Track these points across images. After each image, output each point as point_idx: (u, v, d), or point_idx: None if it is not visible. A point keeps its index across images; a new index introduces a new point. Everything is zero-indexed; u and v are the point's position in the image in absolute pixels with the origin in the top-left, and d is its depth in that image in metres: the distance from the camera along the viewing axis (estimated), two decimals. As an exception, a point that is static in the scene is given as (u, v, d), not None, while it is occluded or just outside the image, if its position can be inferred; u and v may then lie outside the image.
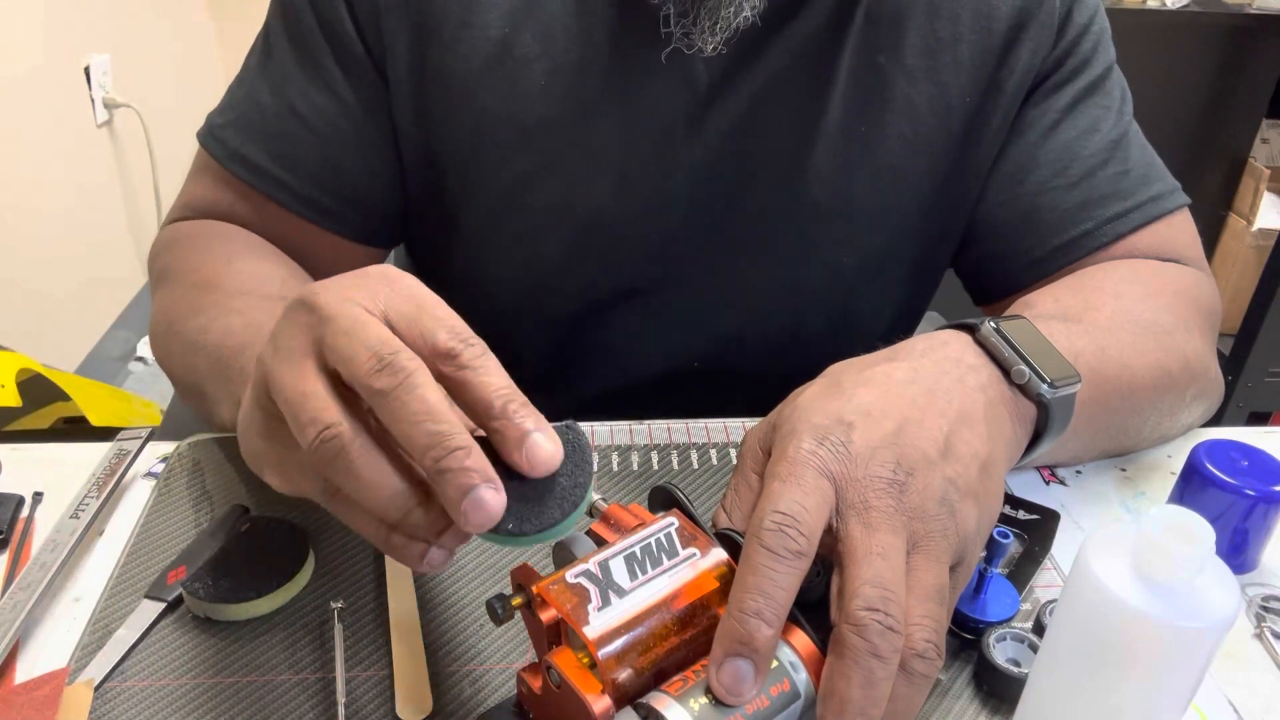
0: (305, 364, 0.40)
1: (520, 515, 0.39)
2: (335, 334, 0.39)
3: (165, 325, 0.66)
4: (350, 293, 0.41)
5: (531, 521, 0.39)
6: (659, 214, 0.71)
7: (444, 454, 0.37)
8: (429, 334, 0.40)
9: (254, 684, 0.49)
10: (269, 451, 0.43)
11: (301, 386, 0.39)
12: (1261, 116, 2.32)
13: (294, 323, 0.41)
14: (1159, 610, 0.36)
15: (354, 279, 0.42)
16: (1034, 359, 0.50)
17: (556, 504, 0.40)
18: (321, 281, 0.42)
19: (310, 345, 0.40)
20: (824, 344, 0.76)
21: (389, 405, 0.38)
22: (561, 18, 0.67)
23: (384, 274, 0.42)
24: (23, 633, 0.51)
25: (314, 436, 0.38)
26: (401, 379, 0.38)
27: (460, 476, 0.37)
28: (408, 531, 0.40)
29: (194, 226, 0.73)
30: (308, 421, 0.38)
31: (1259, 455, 0.57)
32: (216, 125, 0.73)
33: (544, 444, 0.39)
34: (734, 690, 0.37)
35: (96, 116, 2.18)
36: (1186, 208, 0.73)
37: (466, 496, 0.37)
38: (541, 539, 0.39)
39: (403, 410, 0.37)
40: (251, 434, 0.44)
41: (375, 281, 0.42)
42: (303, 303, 0.41)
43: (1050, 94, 0.71)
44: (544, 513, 0.39)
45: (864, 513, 0.41)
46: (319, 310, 0.40)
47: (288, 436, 0.40)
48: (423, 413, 0.37)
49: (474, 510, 0.37)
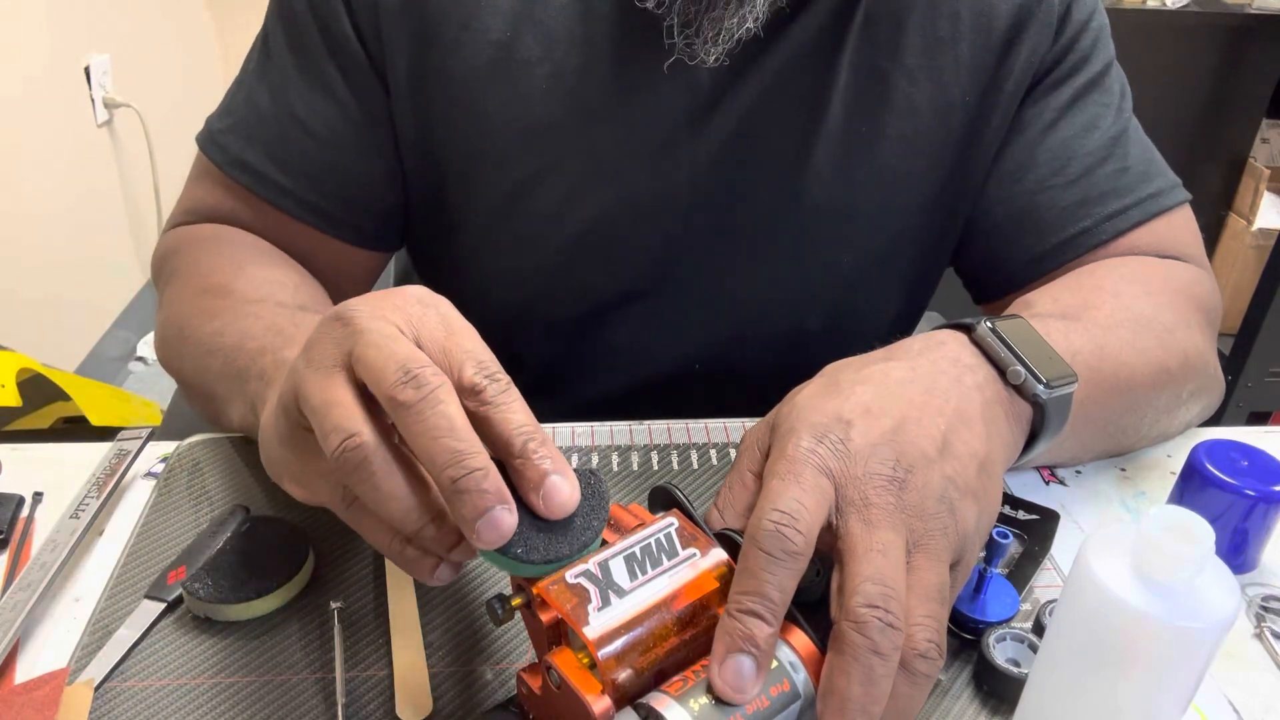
0: (335, 375, 0.40)
1: (529, 543, 0.39)
2: (365, 347, 0.40)
3: (176, 330, 0.66)
4: (385, 311, 0.42)
5: (539, 551, 0.39)
6: (660, 217, 0.71)
7: (462, 473, 0.37)
8: (456, 366, 0.40)
9: (254, 684, 0.49)
10: (291, 460, 0.44)
11: (329, 395, 0.40)
12: (1261, 116, 2.32)
13: (327, 335, 0.42)
14: (1159, 610, 0.36)
15: (390, 298, 0.43)
16: (1030, 359, 0.50)
17: (566, 541, 0.40)
18: (358, 297, 0.43)
19: (341, 357, 0.41)
20: (824, 344, 0.76)
21: (410, 419, 0.38)
22: (563, 21, 0.66)
23: (420, 296, 0.43)
24: (23, 633, 0.51)
25: (337, 444, 0.39)
26: (425, 393, 0.38)
27: (476, 498, 0.37)
28: (421, 545, 0.41)
29: (199, 231, 0.73)
30: (332, 429, 0.39)
31: (1259, 455, 0.57)
32: (216, 130, 0.73)
33: (562, 487, 0.40)
34: (737, 687, 0.37)
35: (96, 116, 2.18)
36: (1187, 204, 0.73)
37: (481, 518, 0.37)
38: (544, 571, 0.39)
39: (423, 425, 0.38)
40: (274, 442, 0.44)
41: (410, 303, 0.43)
42: (338, 317, 0.42)
43: (1049, 92, 0.71)
44: (552, 546, 0.40)
45: (864, 510, 0.41)
46: (352, 324, 0.41)
47: (311, 445, 0.41)
48: (444, 429, 0.38)
49: (487, 529, 0.38)
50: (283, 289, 0.66)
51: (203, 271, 0.68)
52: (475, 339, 0.42)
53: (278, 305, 0.62)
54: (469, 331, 0.42)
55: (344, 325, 0.41)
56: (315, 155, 0.70)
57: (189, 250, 0.71)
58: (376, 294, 0.44)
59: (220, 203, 0.73)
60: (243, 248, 0.71)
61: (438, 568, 0.42)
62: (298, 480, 0.44)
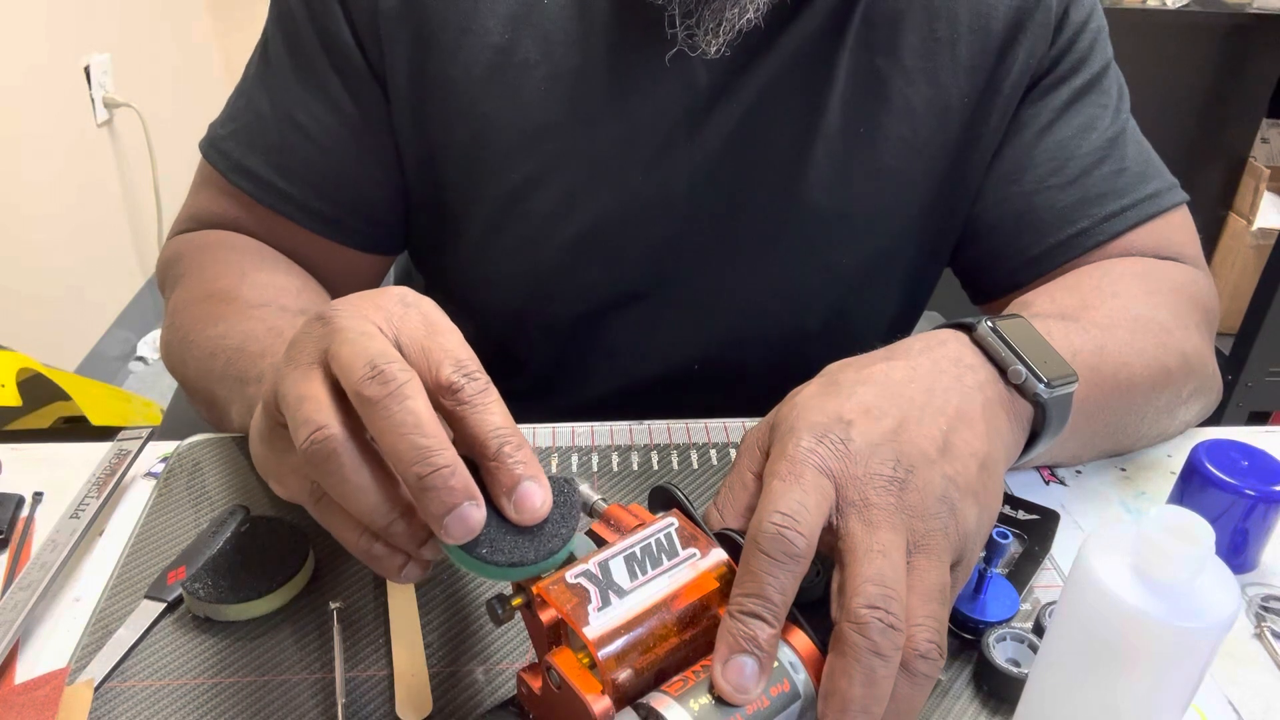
0: (312, 371, 0.41)
1: (495, 544, 0.39)
2: (340, 344, 0.40)
3: (180, 335, 0.66)
4: (366, 310, 0.42)
5: (504, 553, 0.39)
6: (659, 218, 0.71)
7: (428, 470, 0.37)
8: (435, 365, 0.40)
9: (254, 684, 0.49)
10: (269, 456, 0.44)
11: (302, 390, 0.40)
12: (1261, 116, 2.32)
13: (307, 334, 0.42)
14: (1159, 610, 0.36)
15: (373, 298, 0.43)
16: (1031, 359, 0.50)
17: (533, 546, 0.40)
18: (343, 298, 0.43)
19: (318, 355, 0.41)
20: (823, 344, 0.76)
21: (376, 414, 0.38)
22: (561, 23, 0.67)
23: (402, 296, 0.43)
24: (23, 633, 0.51)
25: (305, 437, 0.39)
26: (392, 389, 0.38)
27: (444, 494, 0.37)
28: (390, 541, 0.41)
29: (203, 237, 0.74)
30: (302, 422, 0.39)
31: (1259, 455, 0.57)
32: (218, 137, 0.73)
33: (534, 493, 0.40)
34: (739, 688, 0.37)
35: (96, 116, 2.18)
36: (1185, 205, 0.73)
37: (449, 514, 0.37)
38: (507, 575, 0.39)
39: (389, 420, 0.38)
40: (256, 439, 0.45)
41: (393, 302, 0.43)
42: (319, 317, 0.42)
43: (1046, 93, 0.71)
44: (518, 549, 0.39)
45: (864, 510, 0.41)
46: (331, 323, 0.41)
47: (286, 441, 0.41)
48: (409, 424, 0.38)
49: (455, 524, 0.38)
50: (285, 293, 0.66)
51: (207, 277, 0.68)
52: (457, 339, 0.42)
53: (280, 309, 0.63)
54: (451, 332, 0.42)
55: (323, 324, 0.42)
56: (316, 161, 0.70)
57: (193, 256, 0.72)
58: (360, 294, 0.44)
59: (223, 209, 0.73)
60: (246, 253, 0.71)
61: (405, 566, 0.42)
62: (273, 476, 0.44)
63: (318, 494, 0.42)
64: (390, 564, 0.42)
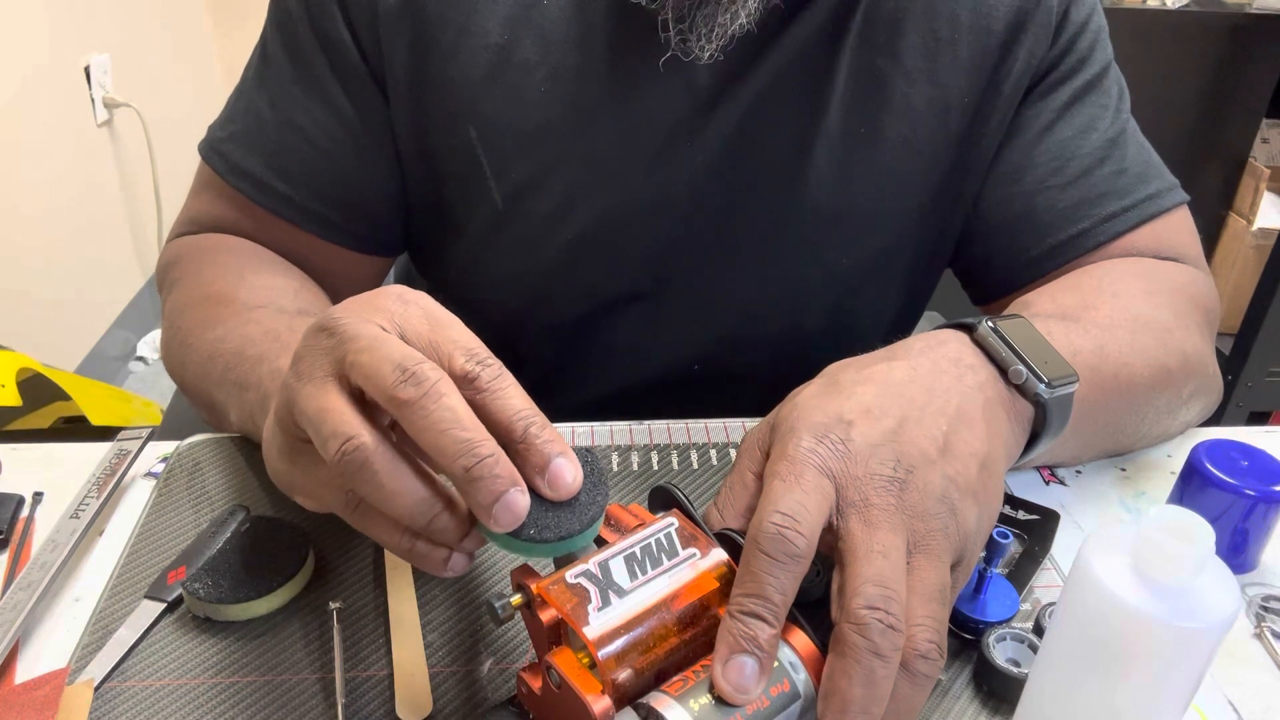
0: (327, 384, 0.41)
1: (540, 523, 0.40)
2: (357, 352, 0.40)
3: (179, 339, 0.66)
4: (368, 314, 0.42)
5: (551, 529, 0.40)
6: (660, 219, 0.71)
7: (474, 461, 0.38)
8: (445, 357, 0.41)
9: (254, 684, 0.49)
10: (293, 472, 0.44)
11: (322, 404, 0.40)
12: (1261, 116, 2.32)
13: (314, 347, 0.42)
14: (1159, 610, 0.36)
15: (370, 300, 0.43)
16: (1031, 359, 0.50)
17: (575, 517, 0.40)
18: (339, 305, 0.43)
19: (332, 367, 0.41)
20: (823, 345, 0.76)
21: (415, 416, 0.38)
22: (560, 24, 0.66)
23: (399, 294, 0.43)
24: (23, 633, 0.51)
25: (337, 449, 0.39)
26: (427, 388, 0.38)
27: (491, 484, 0.38)
28: (432, 537, 0.41)
29: (202, 240, 0.74)
30: (330, 435, 0.39)
31: (1259, 455, 0.57)
32: (218, 139, 0.73)
33: (567, 469, 0.40)
34: (739, 688, 0.37)
35: (96, 116, 2.18)
36: (1185, 205, 0.73)
37: (497, 502, 0.38)
38: (556, 550, 0.40)
39: (429, 420, 0.38)
40: (275, 456, 0.45)
41: (390, 301, 0.43)
42: (321, 327, 0.42)
43: (1047, 93, 0.71)
44: (562, 523, 0.40)
45: (864, 510, 0.41)
46: (339, 333, 0.41)
47: (311, 456, 0.42)
48: (450, 420, 0.38)
49: (503, 512, 0.38)
50: (283, 295, 0.66)
51: (205, 280, 0.68)
52: (460, 328, 0.42)
53: (278, 310, 0.63)
54: (453, 322, 0.42)
55: (330, 335, 0.41)
56: (315, 163, 0.70)
57: (191, 259, 0.72)
58: (356, 299, 0.44)
59: (223, 212, 0.73)
60: (244, 256, 0.71)
61: (450, 559, 0.42)
62: (303, 492, 0.44)
63: (354, 502, 0.42)
64: (435, 559, 0.42)
